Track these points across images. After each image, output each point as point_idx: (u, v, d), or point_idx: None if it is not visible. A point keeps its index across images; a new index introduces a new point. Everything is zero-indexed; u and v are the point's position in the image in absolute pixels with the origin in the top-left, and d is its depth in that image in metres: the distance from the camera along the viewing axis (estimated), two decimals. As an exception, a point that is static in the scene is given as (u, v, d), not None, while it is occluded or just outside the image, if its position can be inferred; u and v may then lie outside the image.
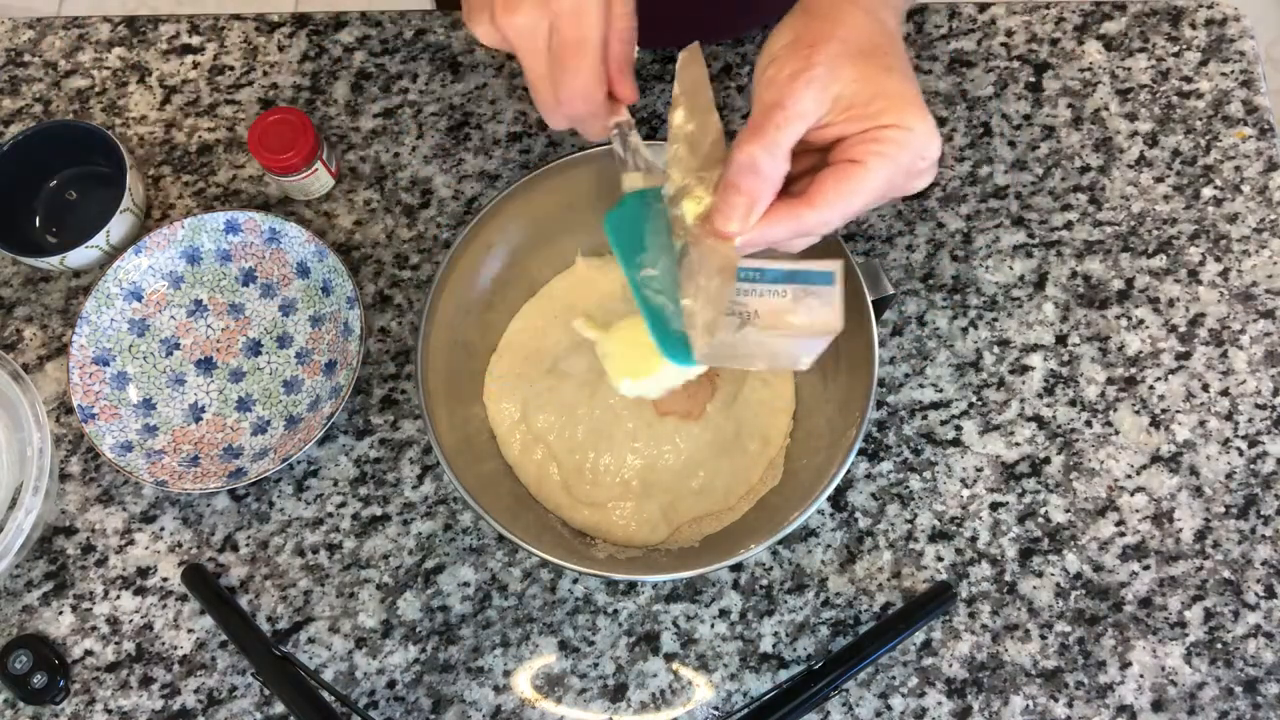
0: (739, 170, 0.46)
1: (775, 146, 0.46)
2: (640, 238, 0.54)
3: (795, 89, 0.46)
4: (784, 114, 0.46)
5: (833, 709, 0.68)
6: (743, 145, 0.46)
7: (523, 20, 0.48)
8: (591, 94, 0.50)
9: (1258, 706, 0.67)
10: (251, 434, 0.74)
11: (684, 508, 0.70)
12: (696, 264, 0.49)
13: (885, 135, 0.46)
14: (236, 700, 0.69)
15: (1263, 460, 0.72)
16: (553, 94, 0.50)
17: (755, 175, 0.46)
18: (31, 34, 0.86)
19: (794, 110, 0.46)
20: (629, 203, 0.55)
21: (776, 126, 0.46)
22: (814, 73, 0.46)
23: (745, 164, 0.46)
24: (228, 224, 0.76)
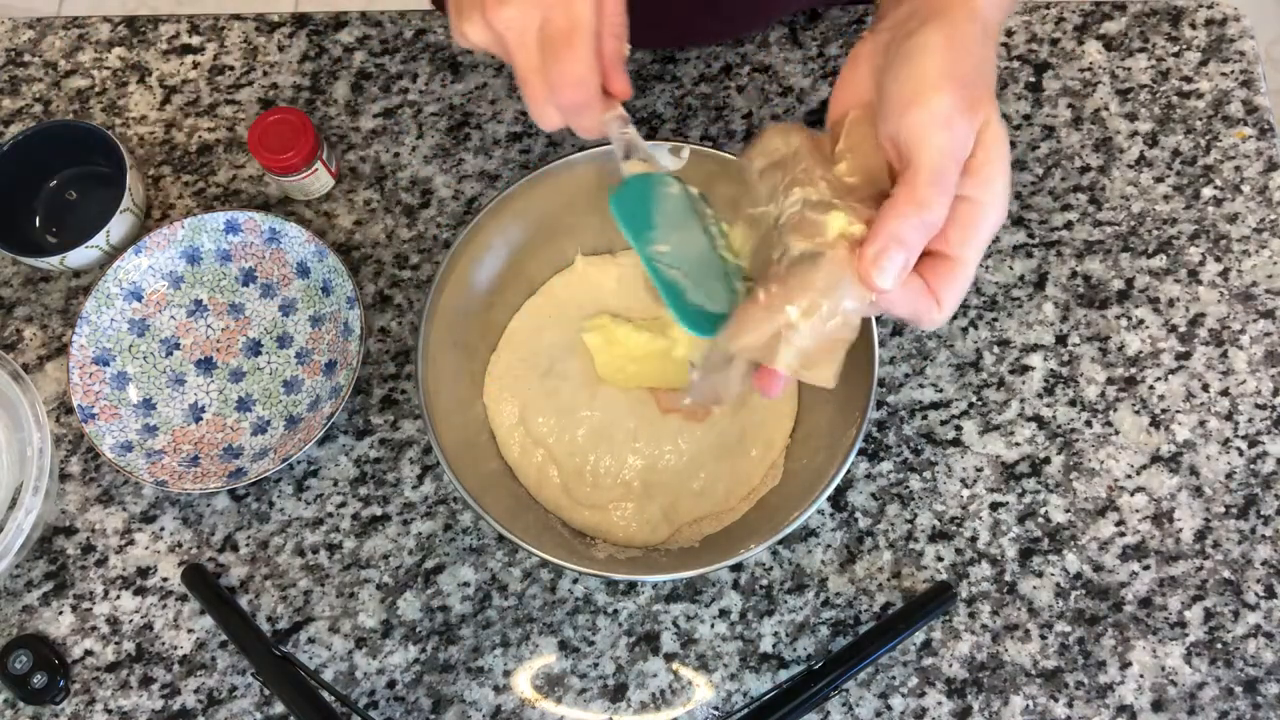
0: (912, 229, 0.44)
1: (935, 220, 0.45)
2: (647, 215, 0.53)
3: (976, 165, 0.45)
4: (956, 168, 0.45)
5: (833, 709, 0.68)
6: (925, 207, 0.44)
7: (513, 12, 0.47)
8: (586, 81, 0.49)
9: (1258, 706, 0.67)
10: (251, 434, 0.74)
11: (685, 509, 0.70)
12: (822, 279, 0.46)
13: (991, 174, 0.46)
14: (236, 700, 0.69)
15: (1263, 460, 0.72)
16: (545, 85, 0.49)
17: (923, 234, 0.45)
18: (31, 34, 0.86)
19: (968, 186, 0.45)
20: (632, 183, 0.54)
21: (944, 194, 0.44)
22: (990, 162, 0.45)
23: (925, 224, 0.44)
24: (228, 224, 0.76)
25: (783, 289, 0.47)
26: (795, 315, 0.46)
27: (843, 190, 0.49)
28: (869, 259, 0.45)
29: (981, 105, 0.45)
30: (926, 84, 0.45)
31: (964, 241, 0.45)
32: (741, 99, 0.82)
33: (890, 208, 0.45)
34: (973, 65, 0.46)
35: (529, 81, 0.49)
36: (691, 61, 0.83)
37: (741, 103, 0.81)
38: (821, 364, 0.48)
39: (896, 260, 0.44)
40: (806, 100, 0.81)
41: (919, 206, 0.44)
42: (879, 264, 0.44)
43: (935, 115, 0.44)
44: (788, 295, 0.47)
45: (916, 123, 0.45)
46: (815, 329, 0.46)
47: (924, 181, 0.44)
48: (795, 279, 0.47)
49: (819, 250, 0.46)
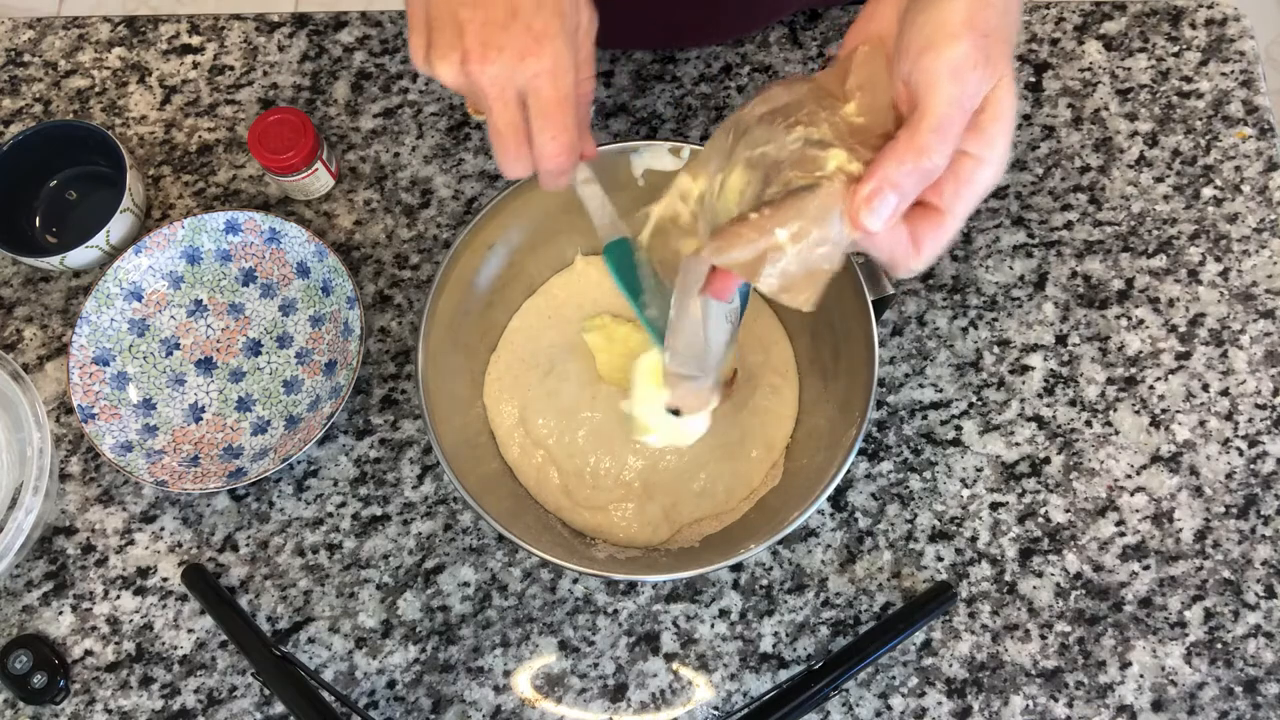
0: (909, 175, 0.44)
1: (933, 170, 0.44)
2: (636, 280, 0.57)
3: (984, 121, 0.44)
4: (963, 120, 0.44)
5: (833, 709, 0.68)
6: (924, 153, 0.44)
7: (497, 71, 0.48)
8: (573, 149, 0.51)
9: (1258, 706, 0.67)
10: (251, 434, 0.74)
11: (686, 509, 0.70)
12: (813, 208, 0.46)
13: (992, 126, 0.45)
14: (236, 700, 0.69)
15: (1263, 460, 0.72)
16: (524, 147, 0.51)
17: (920, 181, 0.44)
18: (31, 34, 0.86)
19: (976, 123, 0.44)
20: (619, 245, 0.58)
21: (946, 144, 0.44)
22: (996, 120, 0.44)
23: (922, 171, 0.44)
24: (228, 224, 0.76)
25: (775, 212, 0.47)
26: (784, 237, 0.46)
27: (847, 131, 0.48)
28: (861, 198, 0.44)
29: (998, 62, 0.45)
30: (946, 30, 0.44)
31: (956, 195, 0.45)
32: (741, 99, 0.82)
33: (890, 151, 0.44)
34: (996, 18, 0.45)
35: (507, 140, 0.51)
36: (691, 61, 0.83)
37: (741, 102, 0.81)
38: (801, 289, 0.48)
39: (889, 203, 0.44)
40: (806, 100, 0.81)
41: (919, 153, 0.44)
42: (870, 204, 0.44)
43: (950, 63, 0.44)
44: (779, 218, 0.47)
45: (930, 68, 0.44)
46: (801, 254, 0.47)
47: (928, 128, 0.44)
48: (788, 205, 0.47)
49: (815, 182, 0.46)
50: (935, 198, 0.45)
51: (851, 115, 0.49)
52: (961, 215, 0.46)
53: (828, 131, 0.48)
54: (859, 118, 0.49)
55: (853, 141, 0.48)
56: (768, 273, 0.47)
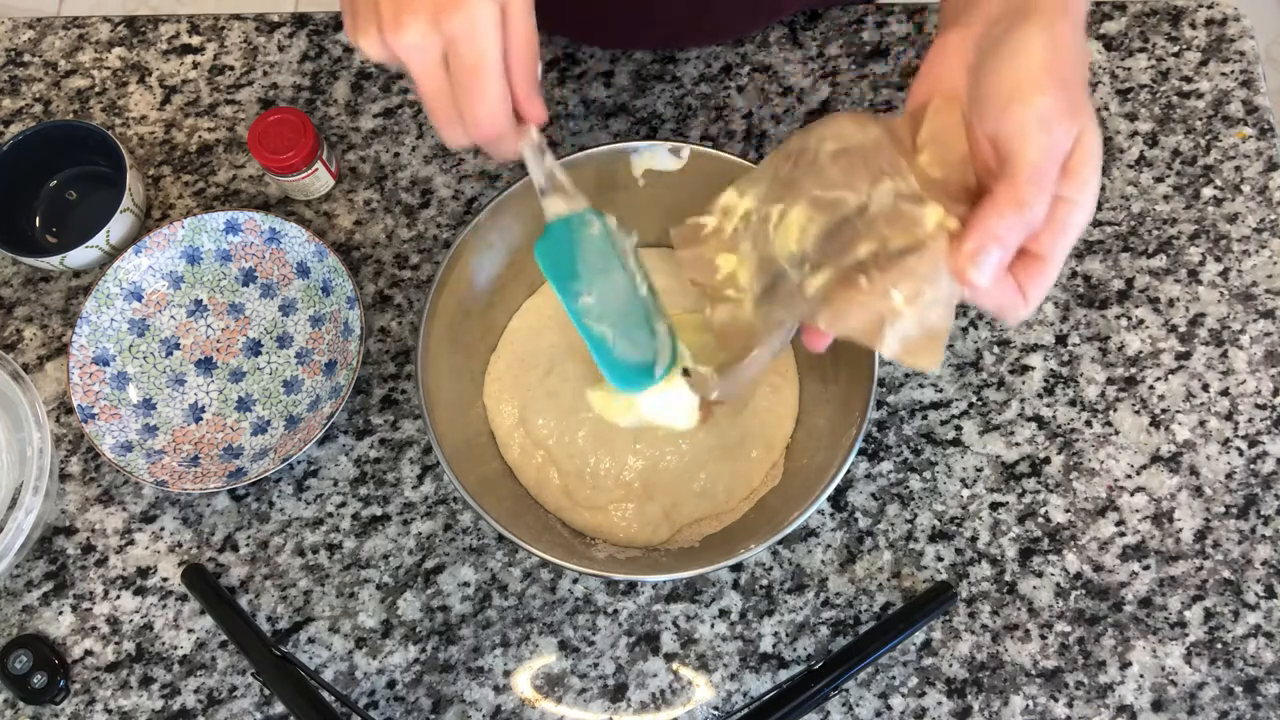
0: (1011, 228, 0.44)
1: (1035, 221, 0.45)
2: (572, 264, 0.54)
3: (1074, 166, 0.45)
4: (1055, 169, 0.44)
5: (833, 709, 0.68)
6: (1025, 206, 0.44)
7: (412, 39, 0.47)
8: (497, 118, 0.49)
9: (1258, 706, 0.67)
10: (251, 434, 0.74)
11: (686, 510, 0.70)
12: (925, 269, 0.47)
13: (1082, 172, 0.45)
14: (236, 700, 0.69)
15: (1263, 460, 0.72)
16: (454, 115, 0.49)
17: (1022, 233, 0.45)
18: (31, 34, 0.86)
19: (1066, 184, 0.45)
20: (555, 230, 0.54)
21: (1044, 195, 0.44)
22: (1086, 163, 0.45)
23: (1025, 223, 0.44)
24: (228, 224, 0.76)
25: (884, 275, 0.47)
26: (899, 301, 0.47)
27: (928, 184, 0.48)
28: (967, 254, 0.45)
29: (1081, 108, 0.45)
30: (1029, 82, 0.45)
31: (1054, 241, 0.45)
32: (741, 99, 0.82)
33: (990, 205, 0.45)
34: (1071, 65, 0.45)
35: (435, 110, 0.49)
36: (691, 61, 0.83)
37: (741, 103, 0.81)
38: (923, 350, 0.48)
39: (994, 257, 0.45)
40: (806, 100, 0.81)
41: (1020, 206, 0.44)
42: (976, 260, 0.45)
43: (1038, 115, 0.44)
44: (891, 281, 0.47)
45: (1019, 121, 0.44)
46: (918, 315, 0.47)
47: (1025, 180, 0.44)
48: (897, 267, 0.47)
49: (920, 241, 0.47)
50: (1034, 245, 0.46)
51: (926, 167, 0.49)
52: (1061, 259, 0.46)
53: (915, 184, 0.48)
54: (934, 170, 0.49)
55: (935, 194, 0.48)
56: (889, 337, 0.48)
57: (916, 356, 0.48)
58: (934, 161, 0.49)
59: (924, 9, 0.84)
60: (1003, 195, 0.44)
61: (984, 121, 0.46)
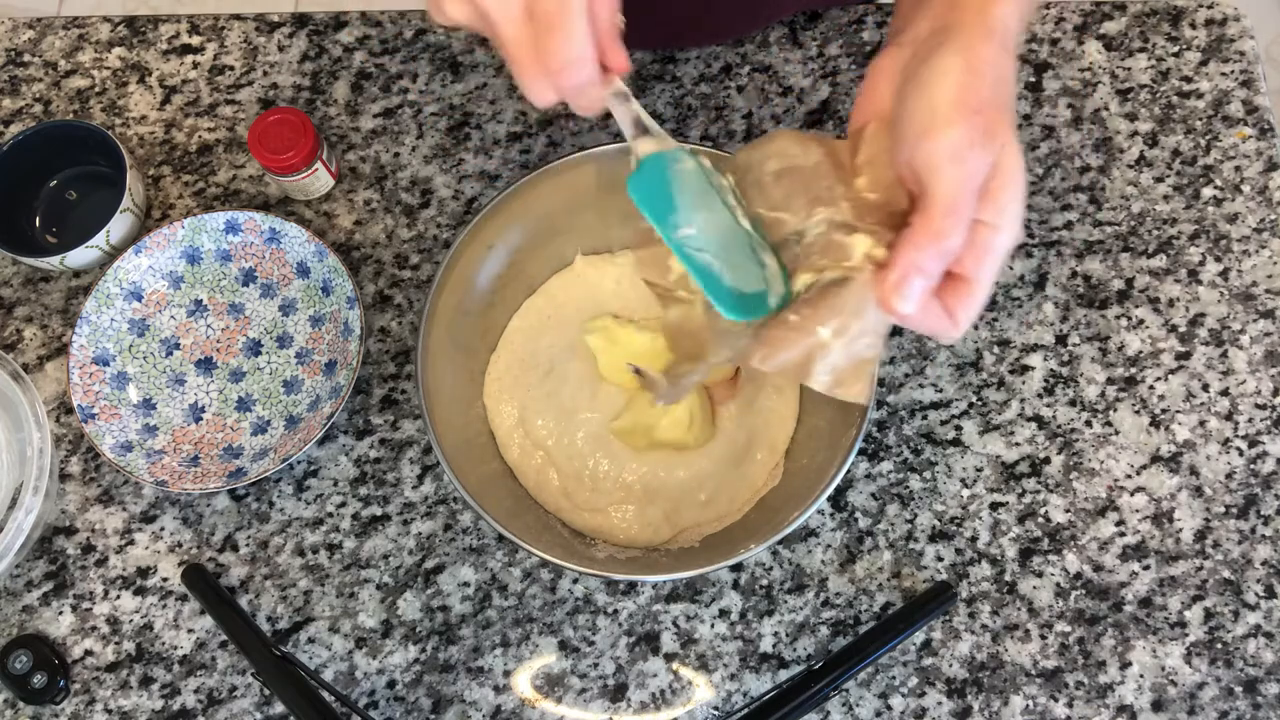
0: (931, 258, 0.45)
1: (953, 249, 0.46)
2: (668, 197, 0.51)
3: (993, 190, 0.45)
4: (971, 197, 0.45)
5: (833, 709, 0.68)
6: (941, 237, 0.45)
7: None
8: (583, 60, 0.47)
9: (1258, 706, 0.67)
10: (251, 434, 0.74)
11: (688, 514, 0.69)
12: (851, 302, 0.48)
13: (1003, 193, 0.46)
14: (236, 700, 0.69)
15: (1263, 460, 0.72)
16: (539, 64, 0.47)
17: (941, 261, 0.46)
18: (31, 34, 0.86)
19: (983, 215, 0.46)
20: (647, 165, 0.52)
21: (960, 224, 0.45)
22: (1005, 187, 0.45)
23: (943, 252, 0.45)
24: (228, 224, 0.76)
25: (813, 311, 0.49)
26: (827, 335, 0.48)
27: (864, 209, 0.50)
28: (890, 286, 0.46)
29: (998, 131, 0.45)
30: (939, 116, 0.45)
31: (979, 263, 0.46)
32: (741, 99, 0.82)
33: (909, 238, 0.46)
34: (989, 88, 0.46)
35: (520, 60, 0.47)
36: (691, 61, 0.83)
37: (741, 103, 0.81)
38: (853, 381, 0.50)
39: (916, 287, 0.45)
40: (806, 100, 0.81)
41: (935, 237, 0.45)
42: (900, 291, 0.46)
43: (949, 148, 0.45)
44: (819, 317, 0.49)
45: (931, 154, 0.45)
46: (847, 348, 0.49)
47: (939, 213, 0.45)
48: (825, 301, 0.49)
49: (846, 274, 0.48)
50: (959, 268, 0.46)
51: (864, 190, 0.50)
52: (987, 280, 0.47)
53: (848, 212, 0.49)
54: (871, 194, 0.50)
55: (870, 220, 0.49)
56: (819, 371, 0.49)
57: (846, 388, 0.50)
58: (871, 185, 0.50)
59: (924, 9, 0.84)
60: (919, 227, 0.45)
61: (902, 153, 0.47)
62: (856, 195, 0.50)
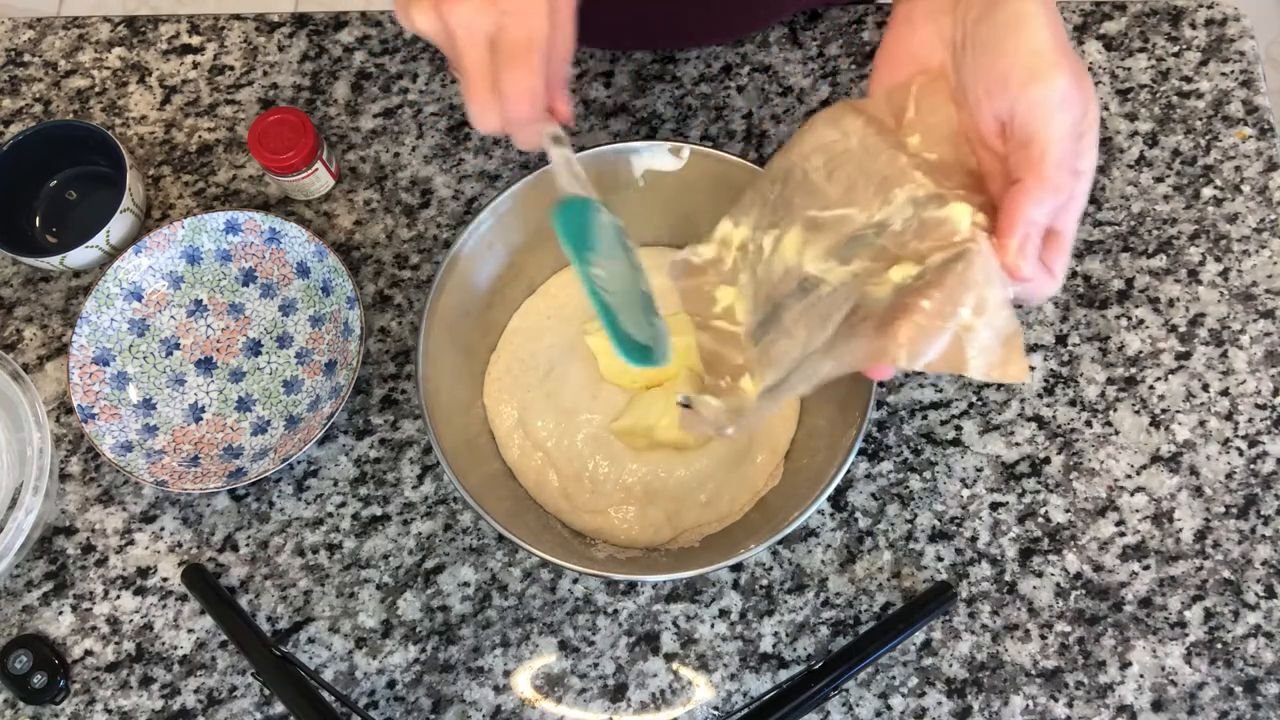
0: (1047, 214, 0.44)
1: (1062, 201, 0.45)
2: (587, 237, 0.54)
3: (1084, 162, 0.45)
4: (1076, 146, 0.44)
5: (833, 709, 0.68)
6: (1059, 190, 0.44)
7: (469, 11, 0.47)
8: (536, 95, 0.49)
9: (1258, 706, 0.67)
10: (251, 434, 0.74)
11: (689, 516, 0.69)
12: (980, 275, 0.45)
13: None
14: (236, 700, 0.69)
15: (1263, 460, 0.72)
16: (492, 92, 0.49)
17: (1052, 215, 0.44)
18: (31, 34, 0.86)
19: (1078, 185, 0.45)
20: (572, 203, 0.54)
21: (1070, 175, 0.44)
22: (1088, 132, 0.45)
23: (1059, 204, 0.44)
24: (228, 224, 0.76)
25: (945, 294, 0.45)
26: (969, 315, 0.45)
27: (937, 173, 0.47)
28: (1014, 250, 0.44)
29: (1086, 80, 0.44)
30: (1044, 62, 0.43)
31: (1069, 213, 0.45)
32: (741, 99, 0.82)
33: (1024, 194, 0.44)
34: (1067, 38, 0.45)
35: (475, 85, 0.49)
36: (691, 61, 0.83)
37: (741, 103, 0.81)
38: (1008, 359, 0.46)
39: (1035, 244, 0.44)
40: (806, 100, 0.81)
41: (1055, 190, 0.43)
42: (1024, 252, 0.44)
43: (1060, 95, 0.43)
44: (954, 298, 0.45)
45: (1041, 102, 0.43)
46: (990, 325, 0.45)
47: (1054, 164, 0.43)
48: (952, 281, 0.45)
49: (962, 247, 0.45)
50: (1053, 222, 0.45)
51: (920, 151, 0.47)
52: (1074, 230, 0.46)
53: (926, 182, 0.46)
54: (929, 153, 0.47)
55: (952, 185, 0.46)
56: (972, 358, 0.45)
57: (1005, 369, 0.45)
58: (926, 144, 0.47)
59: (924, 9, 0.84)
60: (1035, 182, 0.43)
61: (994, 102, 0.45)
62: (916, 157, 0.47)
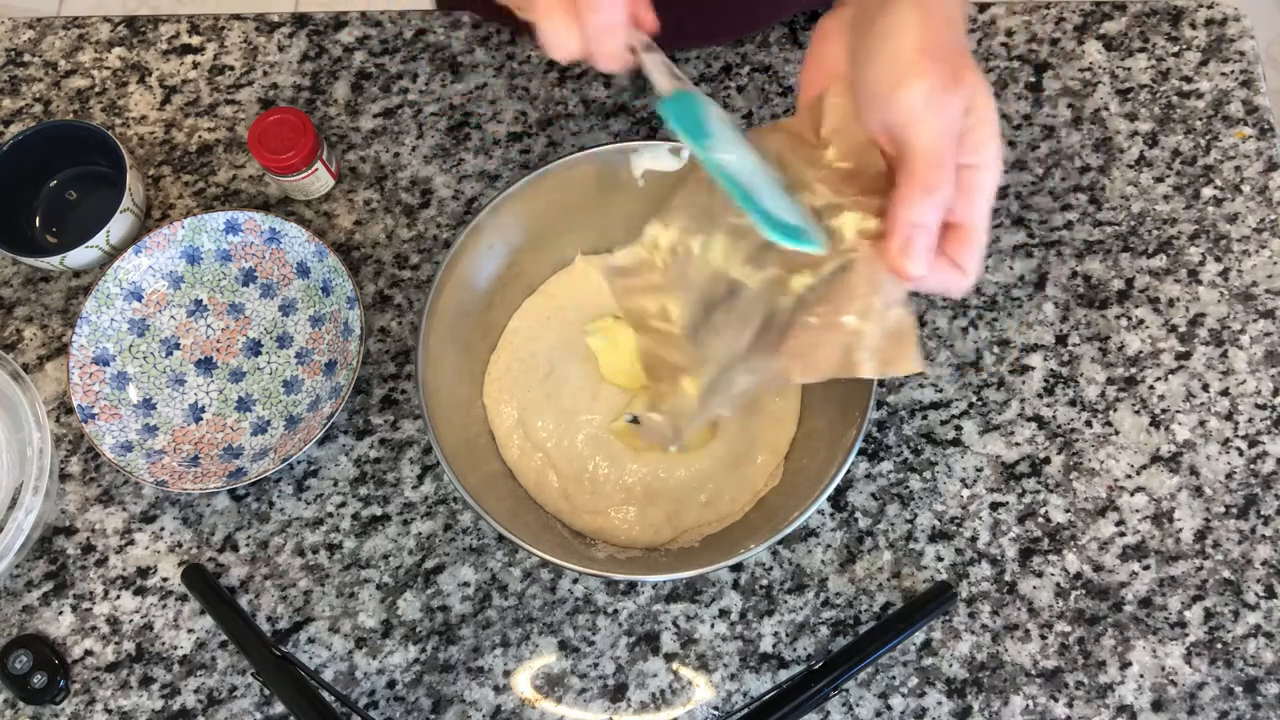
0: (926, 213, 0.45)
1: (946, 199, 0.45)
2: (702, 124, 0.49)
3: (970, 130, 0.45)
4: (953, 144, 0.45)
5: (833, 709, 0.68)
6: (932, 189, 0.45)
7: None
8: (622, 6, 0.45)
9: (1258, 706, 0.67)
10: (251, 434, 0.74)
11: (690, 516, 0.69)
12: (863, 283, 0.47)
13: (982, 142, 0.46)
14: (236, 700, 0.69)
15: (1263, 460, 0.72)
16: (569, 8, 0.45)
17: (938, 213, 0.45)
18: (31, 34, 0.86)
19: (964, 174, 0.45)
20: (682, 97, 0.50)
21: (947, 173, 0.45)
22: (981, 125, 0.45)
23: (936, 204, 0.45)
24: (228, 224, 0.76)
25: (830, 306, 0.47)
26: (855, 322, 0.47)
27: (838, 181, 0.48)
28: (896, 252, 0.45)
29: (964, 76, 0.45)
30: (904, 67, 0.44)
31: (971, 207, 0.46)
32: (741, 99, 0.82)
33: (901, 198, 0.45)
34: (949, 34, 0.45)
35: (549, 6, 0.46)
36: (691, 61, 0.83)
37: (741, 103, 0.81)
38: (899, 355, 0.48)
39: (921, 245, 0.45)
40: (806, 100, 0.81)
41: (926, 190, 0.45)
42: (907, 254, 0.45)
43: (923, 98, 0.44)
44: (839, 309, 0.47)
45: (905, 108, 0.45)
46: (880, 326, 0.47)
47: (924, 166, 0.45)
48: (837, 292, 0.47)
49: (848, 256, 0.47)
50: (953, 217, 0.46)
51: (835, 161, 0.49)
52: (983, 222, 0.47)
53: (826, 194, 0.48)
54: (843, 163, 0.49)
55: (851, 191, 0.48)
56: (863, 360, 0.47)
57: (897, 364, 0.48)
58: (841, 153, 0.49)
59: (924, 9, 0.84)
60: (908, 184, 0.45)
61: (873, 113, 0.46)
62: (829, 168, 0.49)
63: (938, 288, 0.47)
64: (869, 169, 0.48)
